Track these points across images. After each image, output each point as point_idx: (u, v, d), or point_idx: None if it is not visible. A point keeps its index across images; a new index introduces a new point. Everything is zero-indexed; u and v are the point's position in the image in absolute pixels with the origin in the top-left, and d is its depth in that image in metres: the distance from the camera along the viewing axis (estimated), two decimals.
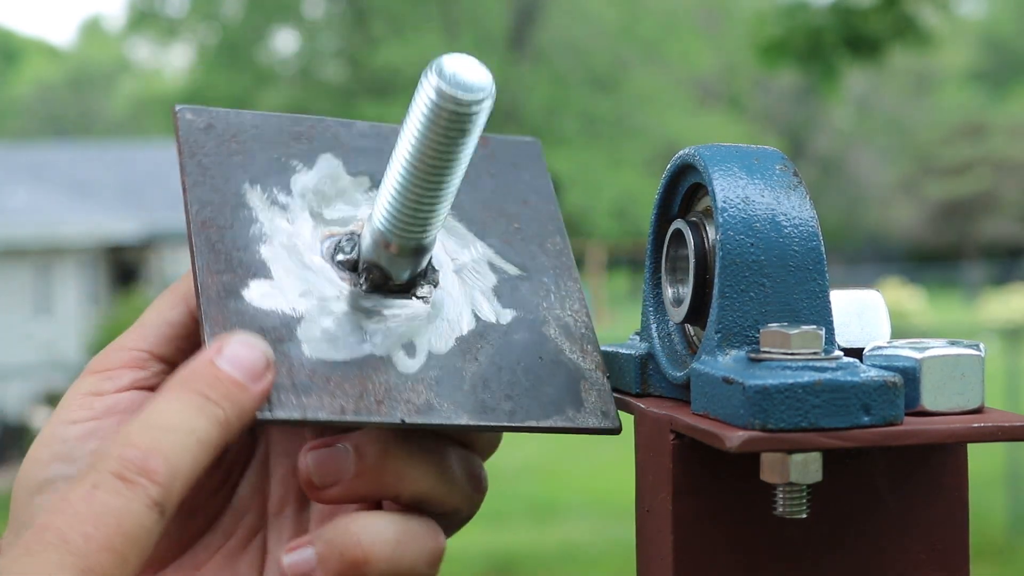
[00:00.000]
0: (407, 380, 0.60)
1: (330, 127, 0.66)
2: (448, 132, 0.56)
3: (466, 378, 0.61)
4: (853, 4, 6.34)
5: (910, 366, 0.57)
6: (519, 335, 0.64)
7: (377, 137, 0.67)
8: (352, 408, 0.58)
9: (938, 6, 6.57)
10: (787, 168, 0.61)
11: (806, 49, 6.21)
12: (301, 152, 0.65)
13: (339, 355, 0.59)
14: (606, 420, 0.63)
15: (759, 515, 0.58)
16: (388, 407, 0.59)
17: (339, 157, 0.65)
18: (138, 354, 0.62)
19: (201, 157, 0.62)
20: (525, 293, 0.66)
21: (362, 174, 0.65)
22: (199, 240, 0.60)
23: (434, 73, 0.55)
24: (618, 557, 6.28)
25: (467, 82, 0.55)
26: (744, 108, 32.68)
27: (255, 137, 0.64)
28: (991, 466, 7.20)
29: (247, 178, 0.63)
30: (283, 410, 0.57)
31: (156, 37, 30.79)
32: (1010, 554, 6.47)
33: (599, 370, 0.65)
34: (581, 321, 0.66)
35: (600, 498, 7.79)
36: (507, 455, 6.67)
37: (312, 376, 0.58)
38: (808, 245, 0.59)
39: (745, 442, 0.52)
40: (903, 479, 0.59)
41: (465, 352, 0.62)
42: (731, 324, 0.58)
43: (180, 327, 0.63)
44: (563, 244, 0.69)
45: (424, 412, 0.59)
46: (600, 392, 0.64)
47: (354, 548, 0.58)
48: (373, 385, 0.59)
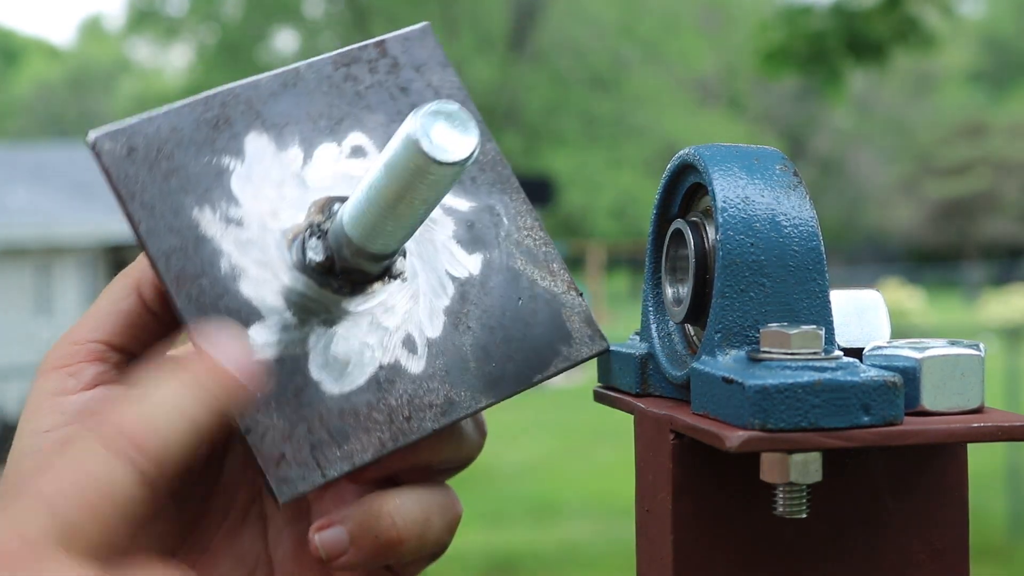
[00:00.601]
0: (421, 381, 0.61)
1: (240, 96, 0.63)
2: (422, 187, 0.55)
3: (468, 354, 0.63)
4: (855, 7, 6.33)
5: (910, 366, 0.57)
6: (494, 281, 0.65)
7: (284, 89, 0.64)
8: (389, 437, 0.59)
9: (940, 7, 6.56)
10: (787, 168, 0.61)
11: (809, 54, 6.20)
12: (226, 143, 0.62)
13: (356, 380, 0.60)
14: (595, 344, 0.66)
15: (759, 515, 0.58)
16: (416, 420, 0.60)
17: (263, 132, 0.63)
18: (96, 346, 0.62)
19: (141, 195, 0.60)
20: (481, 228, 0.66)
21: (292, 146, 0.63)
22: (183, 302, 0.58)
23: (420, 130, 0.54)
24: (618, 557, 6.28)
25: (448, 147, 0.54)
26: (744, 108, 32.68)
27: (178, 144, 0.61)
28: (991, 466, 7.20)
29: (193, 202, 0.60)
30: (333, 467, 0.58)
31: (156, 37, 30.80)
32: (1010, 554, 6.47)
33: (571, 290, 0.66)
34: (539, 238, 0.67)
35: (600, 498, 7.79)
36: (507, 455, 6.68)
37: (342, 417, 0.59)
38: (808, 245, 0.59)
39: (745, 442, 0.52)
40: (903, 479, 0.59)
41: (457, 324, 0.63)
42: (731, 324, 0.58)
43: (133, 315, 0.62)
44: (493, 151, 0.68)
45: (448, 411, 0.61)
46: (581, 315, 0.66)
47: (389, 529, 0.59)
48: (396, 401, 0.60)
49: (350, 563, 0.59)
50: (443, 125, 0.54)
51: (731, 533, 0.58)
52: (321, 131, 0.64)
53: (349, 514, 0.60)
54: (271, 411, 0.58)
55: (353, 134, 0.65)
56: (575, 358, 0.65)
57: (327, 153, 0.64)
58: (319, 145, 0.64)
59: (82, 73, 39.14)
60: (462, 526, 0.65)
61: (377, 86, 0.66)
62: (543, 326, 0.65)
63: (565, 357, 0.65)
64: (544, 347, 0.64)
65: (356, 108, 0.65)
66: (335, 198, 0.62)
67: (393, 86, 0.66)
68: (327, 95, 0.65)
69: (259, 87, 0.63)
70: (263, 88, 0.64)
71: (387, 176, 0.56)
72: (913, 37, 6.24)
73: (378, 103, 0.65)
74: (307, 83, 0.64)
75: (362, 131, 0.65)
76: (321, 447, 0.58)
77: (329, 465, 0.58)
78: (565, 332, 0.65)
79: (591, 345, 0.65)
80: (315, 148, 0.63)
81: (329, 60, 0.65)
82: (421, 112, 0.54)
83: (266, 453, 0.57)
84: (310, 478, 0.57)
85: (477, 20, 27.50)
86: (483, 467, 8.81)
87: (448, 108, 0.55)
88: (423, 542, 0.60)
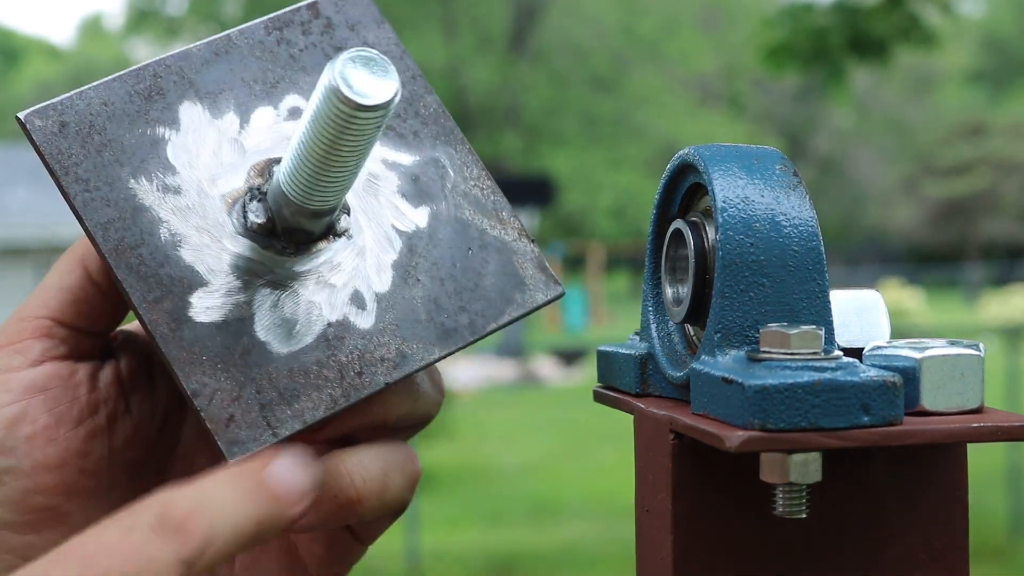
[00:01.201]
0: (371, 336, 0.61)
1: (172, 67, 0.63)
2: (348, 135, 0.55)
3: (419, 307, 0.62)
4: (857, 4, 6.33)
5: (910, 366, 0.57)
6: (442, 233, 0.64)
7: (217, 58, 0.64)
8: (341, 393, 0.59)
9: (940, 6, 6.56)
10: (787, 168, 0.61)
11: (811, 51, 6.20)
12: (160, 113, 0.62)
13: (305, 339, 0.59)
14: (549, 289, 0.65)
15: (759, 515, 0.58)
16: (368, 375, 0.60)
17: (197, 101, 0.63)
18: (43, 322, 0.61)
19: (75, 170, 0.59)
20: (426, 181, 0.65)
21: (227, 112, 0.63)
22: (122, 272, 0.58)
23: (338, 77, 0.53)
24: (618, 557, 6.28)
25: (369, 91, 0.53)
26: (744, 108, 32.68)
27: (111, 117, 0.61)
28: (991, 466, 7.20)
29: (128, 173, 0.60)
30: (284, 426, 0.57)
31: (156, 37, 30.81)
32: (1010, 554, 6.47)
33: (523, 237, 0.65)
34: (487, 188, 0.66)
35: (600, 498, 7.79)
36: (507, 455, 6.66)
37: (291, 375, 0.58)
38: (808, 245, 0.59)
39: (745, 442, 0.52)
40: (903, 479, 0.59)
41: (406, 278, 0.63)
42: (731, 324, 0.58)
43: (79, 291, 0.62)
44: (435, 104, 0.67)
45: (400, 364, 0.61)
46: (533, 261, 0.65)
47: (348, 489, 0.58)
48: (346, 358, 0.60)
49: (309, 524, 0.58)
50: (362, 71, 0.54)
51: (731, 533, 0.58)
52: (257, 96, 0.63)
53: None
54: (218, 373, 0.57)
55: (289, 96, 0.64)
56: (530, 304, 0.64)
57: (264, 117, 0.63)
58: (255, 109, 0.63)
59: (82, 73, 39.12)
60: (462, 526, 0.65)
61: (311, 47, 0.65)
62: (495, 275, 0.64)
63: (520, 304, 0.64)
64: (497, 296, 0.64)
65: (291, 71, 0.65)
66: (273, 160, 0.62)
67: (328, 46, 0.66)
68: (261, 60, 0.64)
69: (191, 57, 0.63)
70: (195, 57, 0.63)
71: (313, 128, 0.55)
72: (915, 35, 6.24)
73: (313, 64, 0.65)
74: (240, 49, 0.64)
75: (298, 93, 0.64)
76: (271, 406, 0.57)
77: (280, 424, 0.57)
78: (518, 279, 0.64)
79: (545, 291, 0.65)
80: (251, 112, 0.63)
81: (261, 25, 0.65)
82: (339, 60, 0.53)
83: (214, 416, 0.57)
84: (261, 438, 0.57)
85: (477, 20, 27.50)
86: (483, 467, 8.81)
87: (366, 54, 0.54)
88: (383, 500, 0.59)
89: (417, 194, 0.65)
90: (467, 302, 0.63)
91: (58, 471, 0.59)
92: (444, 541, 6.63)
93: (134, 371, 0.63)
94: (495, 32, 27.79)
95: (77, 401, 0.60)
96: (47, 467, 0.59)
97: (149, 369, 0.64)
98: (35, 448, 0.59)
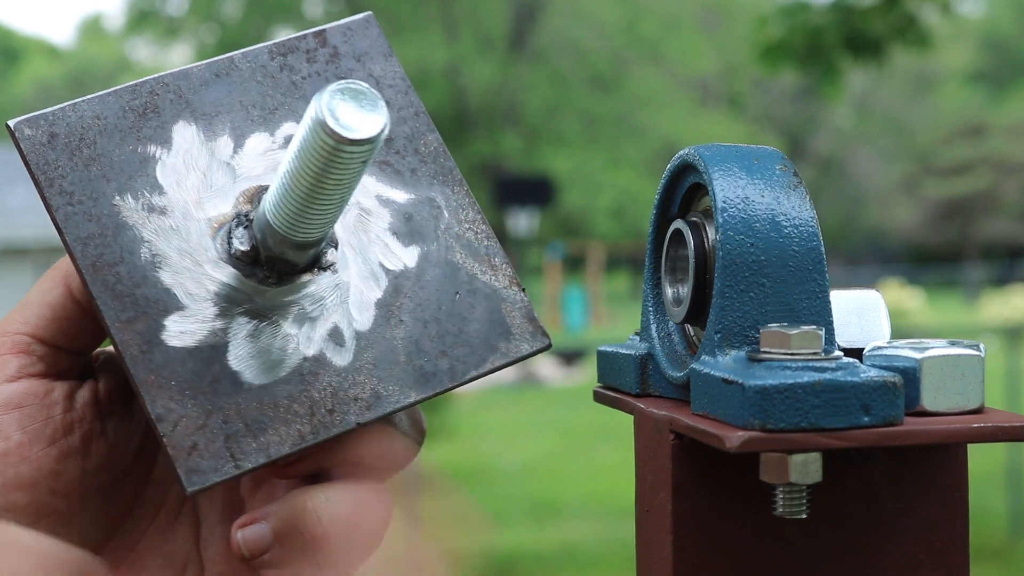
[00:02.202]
0: (347, 374, 0.59)
1: (169, 85, 0.62)
2: (334, 168, 0.53)
3: (399, 348, 0.61)
4: (853, 3, 6.33)
5: (910, 366, 0.57)
6: (430, 274, 0.63)
7: (217, 79, 0.63)
8: (310, 430, 0.58)
9: (939, 5, 6.56)
10: (787, 168, 0.61)
11: (807, 50, 6.20)
12: (153, 131, 0.61)
13: (278, 371, 0.58)
14: (536, 341, 0.64)
15: (759, 515, 0.58)
16: (340, 413, 0.59)
17: (192, 122, 0.61)
18: (21, 339, 0.60)
19: (60, 182, 0.58)
20: (419, 220, 0.64)
21: (221, 135, 0.62)
22: (98, 289, 0.57)
23: (324, 110, 0.52)
24: (618, 557, 6.28)
25: (355, 125, 0.52)
26: (744, 108, 32.69)
27: (102, 132, 0.60)
28: (991, 466, 7.19)
29: (114, 190, 0.59)
30: (248, 459, 0.56)
31: (156, 37, 30.81)
32: (1010, 554, 6.46)
33: (513, 285, 0.64)
34: (481, 232, 0.65)
35: (600, 498, 7.79)
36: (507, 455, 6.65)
37: (261, 408, 0.57)
38: (808, 245, 0.59)
39: (745, 442, 0.52)
40: (903, 479, 0.59)
41: (389, 317, 0.61)
42: (731, 324, 0.58)
43: (60, 308, 0.61)
44: (436, 143, 0.66)
45: (374, 405, 0.59)
46: (522, 311, 0.64)
47: (314, 525, 0.57)
48: (319, 394, 0.59)
49: (273, 561, 0.58)
50: (349, 104, 0.52)
51: (731, 534, 0.58)
52: (254, 121, 0.62)
53: (273, 510, 0.58)
54: (185, 400, 0.56)
55: (287, 124, 0.63)
56: (514, 355, 0.63)
57: (259, 143, 0.62)
58: (251, 135, 0.62)
59: (82, 73, 39.14)
60: None
61: (314, 76, 0.64)
62: (480, 321, 0.63)
63: (503, 353, 0.63)
64: (480, 343, 0.62)
65: (291, 98, 0.63)
66: (264, 187, 0.61)
67: (331, 75, 0.64)
68: (261, 84, 0.63)
69: (190, 76, 0.62)
70: (194, 77, 0.62)
71: (298, 159, 0.54)
72: (911, 35, 6.24)
73: (314, 93, 0.62)
74: (241, 72, 0.63)
75: (296, 121, 0.63)
76: (236, 438, 0.56)
77: (244, 457, 0.56)
78: (504, 328, 0.63)
79: (531, 342, 0.64)
80: (246, 138, 0.62)
81: (265, 49, 0.64)
82: (326, 91, 0.52)
83: (176, 442, 0.56)
84: (223, 469, 0.56)
85: (477, 20, 27.50)
86: (483, 467, 8.81)
87: (355, 87, 0.52)
88: (351, 540, 0.58)
89: (409, 233, 0.64)
90: (449, 347, 0.62)
91: (29, 490, 0.58)
92: None
93: (112, 393, 0.62)
94: (495, 32, 27.79)
95: (52, 420, 0.59)
96: (18, 486, 0.58)
97: (128, 392, 0.63)
98: (7, 466, 0.58)
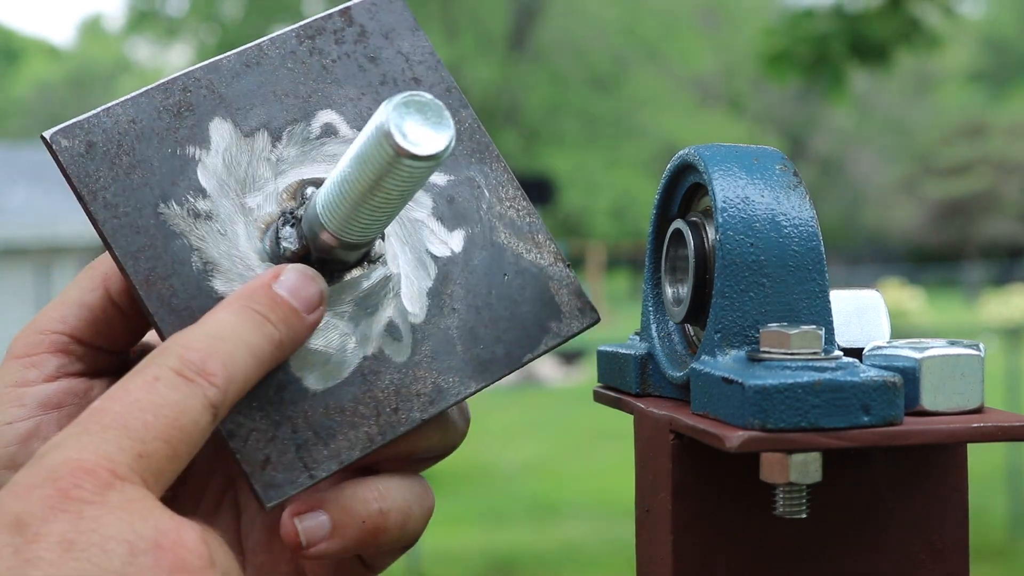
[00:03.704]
0: (407, 370, 0.59)
1: (201, 80, 0.60)
2: (395, 180, 0.53)
3: (455, 337, 0.60)
4: (857, 9, 6.33)
5: (910, 366, 0.57)
6: (477, 258, 0.62)
7: (248, 69, 0.61)
8: (377, 432, 0.58)
9: (941, 8, 6.56)
10: (787, 168, 0.61)
11: (812, 58, 6.20)
12: (190, 131, 0.59)
13: (340, 374, 0.58)
14: (585, 317, 0.64)
15: (759, 515, 0.58)
16: (404, 411, 0.58)
17: (227, 117, 0.60)
18: (60, 338, 0.60)
19: (103, 194, 0.57)
20: (461, 203, 0.63)
21: (258, 129, 0.60)
22: (154, 304, 0.56)
23: (391, 123, 0.51)
24: (618, 557, 6.28)
25: (421, 141, 0.51)
26: (744, 108, 32.68)
27: (139, 136, 0.58)
28: (991, 466, 7.19)
29: (158, 197, 0.57)
30: (321, 468, 0.56)
31: (156, 37, 30.80)
32: (1010, 554, 6.46)
33: (559, 261, 0.64)
34: (522, 209, 0.64)
35: (600, 498, 7.79)
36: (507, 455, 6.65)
37: (327, 413, 0.57)
38: (808, 245, 0.59)
39: (745, 442, 0.52)
40: (903, 479, 0.59)
41: (441, 307, 0.61)
42: (731, 324, 0.58)
43: (99, 311, 0.61)
44: (471, 119, 0.65)
45: (436, 399, 0.59)
46: (569, 287, 0.63)
47: (376, 516, 0.58)
48: (382, 394, 0.58)
49: (329, 550, 0.58)
50: (416, 117, 0.51)
51: (731, 533, 0.58)
52: (288, 111, 0.61)
53: (331, 499, 0.58)
54: (253, 412, 0.56)
55: (322, 112, 0.62)
56: (566, 333, 0.63)
57: (296, 134, 0.61)
58: (287, 126, 0.61)
59: (82, 73, 39.15)
60: (462, 526, 0.65)
61: (344, 58, 0.63)
62: (531, 303, 0.62)
63: (555, 333, 0.62)
64: (533, 324, 0.62)
65: (323, 83, 0.62)
66: (307, 181, 0.60)
67: (361, 56, 0.63)
68: (292, 72, 0.62)
69: (220, 69, 0.60)
70: (225, 69, 0.60)
71: (359, 169, 0.53)
72: (916, 38, 6.24)
73: (346, 76, 0.62)
74: (271, 60, 0.61)
75: (331, 108, 0.62)
76: (307, 447, 0.56)
77: (316, 465, 0.56)
78: (554, 307, 0.63)
79: (581, 319, 0.63)
80: (283, 130, 0.61)
81: (293, 34, 0.62)
82: (393, 103, 0.51)
83: (250, 457, 0.55)
84: (298, 480, 0.56)
85: (477, 20, 27.49)
86: (483, 467, 8.81)
87: (421, 99, 0.52)
88: (404, 531, 0.59)
89: (453, 216, 0.62)
90: (503, 332, 0.61)
91: None
92: (444, 541, 6.62)
93: None
94: (495, 32, 27.79)
95: None
96: None
97: None
98: None
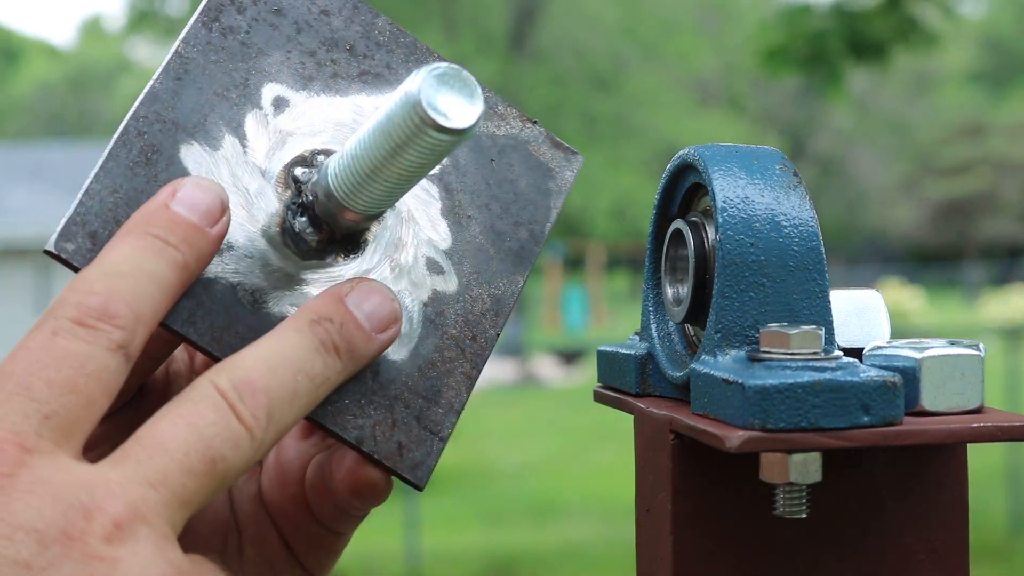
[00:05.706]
0: (462, 295, 0.61)
1: (149, 117, 0.58)
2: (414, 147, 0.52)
3: (484, 243, 0.62)
4: (855, 7, 6.34)
5: (910, 366, 0.57)
6: (462, 157, 0.63)
7: (181, 82, 0.59)
8: (470, 366, 0.60)
9: (941, 7, 6.57)
10: (787, 168, 0.61)
11: (809, 54, 6.21)
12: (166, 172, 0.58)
13: (415, 331, 0.59)
14: (573, 162, 0.65)
15: (759, 515, 0.58)
16: (480, 335, 0.60)
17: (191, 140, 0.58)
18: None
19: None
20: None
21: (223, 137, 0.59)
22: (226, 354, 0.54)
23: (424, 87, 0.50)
24: (618, 557, 6.28)
25: (450, 111, 0.50)
26: (744, 108, 32.69)
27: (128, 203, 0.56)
28: (991, 466, 7.20)
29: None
30: (444, 426, 0.58)
31: (156, 37, 30.80)
32: (1010, 554, 6.47)
33: (526, 123, 0.65)
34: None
35: (600, 498, 7.79)
36: (507, 455, 6.66)
37: (423, 374, 0.58)
38: (808, 245, 0.59)
39: (745, 442, 0.52)
40: (903, 479, 0.59)
41: (459, 220, 0.62)
42: (731, 324, 0.58)
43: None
44: (388, 25, 0.62)
45: (498, 309, 0.61)
46: (546, 142, 0.65)
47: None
48: (456, 329, 0.60)
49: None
50: (446, 89, 0.50)
51: (731, 533, 0.58)
52: (237, 104, 0.60)
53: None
54: (365, 407, 0.57)
55: (265, 88, 0.60)
56: (564, 186, 0.64)
57: (255, 123, 0.60)
58: (244, 119, 0.60)
59: (82, 73, 39.17)
60: (462, 526, 0.65)
61: (254, 23, 0.61)
62: (524, 175, 0.64)
63: (557, 191, 0.64)
64: (535, 193, 0.64)
65: (250, 60, 0.60)
66: (289, 165, 0.59)
67: (267, 13, 0.61)
68: (218, 62, 0.60)
69: (158, 96, 0.58)
70: (162, 94, 0.59)
71: (383, 136, 0.52)
72: (914, 37, 6.25)
73: (266, 42, 0.61)
74: (195, 62, 0.60)
75: (270, 80, 0.61)
76: (424, 414, 0.58)
77: (440, 426, 0.58)
78: (543, 167, 0.64)
79: (570, 165, 0.65)
80: (243, 125, 0.59)
81: (200, 24, 0.60)
82: (422, 73, 0.50)
83: (387, 452, 0.57)
84: (433, 449, 0.58)
85: (477, 20, 27.51)
86: (483, 467, 8.81)
87: (448, 70, 0.50)
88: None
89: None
90: (517, 214, 0.63)
91: None
92: (444, 541, 6.63)
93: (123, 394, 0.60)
94: (495, 32, 27.79)
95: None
96: None
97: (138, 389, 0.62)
98: None
